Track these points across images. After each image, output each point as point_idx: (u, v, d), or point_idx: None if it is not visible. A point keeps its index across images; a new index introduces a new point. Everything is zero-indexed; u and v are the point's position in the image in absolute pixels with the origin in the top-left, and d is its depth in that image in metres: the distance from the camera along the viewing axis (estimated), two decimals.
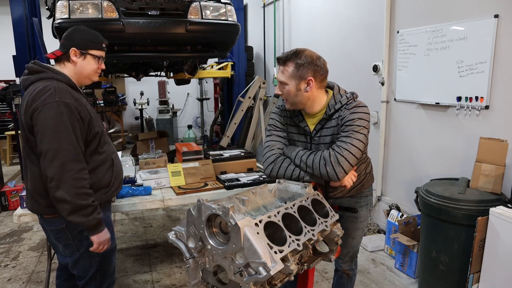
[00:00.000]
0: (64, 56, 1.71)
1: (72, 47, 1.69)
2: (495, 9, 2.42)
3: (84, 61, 1.72)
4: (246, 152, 2.93)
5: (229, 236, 1.17)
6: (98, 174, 1.72)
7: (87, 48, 1.72)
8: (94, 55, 1.74)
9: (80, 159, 1.59)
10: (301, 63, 1.59)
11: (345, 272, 1.98)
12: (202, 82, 8.44)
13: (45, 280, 2.62)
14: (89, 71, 1.75)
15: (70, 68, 1.72)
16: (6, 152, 6.73)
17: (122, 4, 2.80)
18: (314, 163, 1.57)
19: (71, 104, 1.57)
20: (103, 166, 1.75)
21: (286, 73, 1.62)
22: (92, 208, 1.61)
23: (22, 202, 2.14)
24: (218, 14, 3.14)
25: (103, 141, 1.75)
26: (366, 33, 3.66)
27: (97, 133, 1.69)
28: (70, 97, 1.59)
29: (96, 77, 1.81)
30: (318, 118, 1.71)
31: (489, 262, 2.10)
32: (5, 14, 5.00)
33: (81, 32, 1.76)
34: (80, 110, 1.61)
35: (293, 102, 1.67)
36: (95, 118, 1.70)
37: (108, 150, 1.78)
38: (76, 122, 1.58)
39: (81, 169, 1.59)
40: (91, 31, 1.78)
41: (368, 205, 1.91)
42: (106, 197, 1.78)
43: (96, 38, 1.77)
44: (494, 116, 2.50)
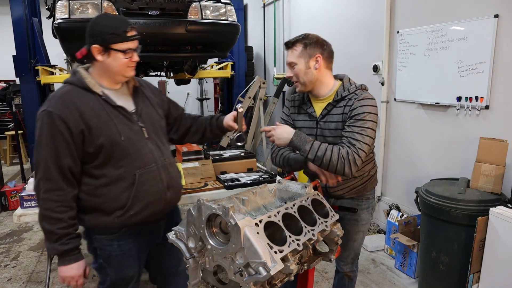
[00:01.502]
0: (89, 54, 1.46)
1: (93, 44, 1.44)
2: (495, 9, 2.42)
3: (109, 58, 1.44)
4: (246, 152, 2.93)
5: (229, 236, 1.17)
6: (110, 193, 1.46)
7: (108, 43, 1.42)
8: (119, 49, 1.43)
9: (51, 177, 1.37)
10: (309, 42, 1.66)
11: (346, 274, 1.98)
12: (202, 82, 8.44)
13: (45, 280, 2.63)
14: (118, 68, 1.47)
15: (98, 66, 1.48)
16: (6, 152, 6.73)
17: (122, 4, 2.80)
18: (332, 161, 1.56)
19: (54, 113, 1.36)
20: (118, 184, 1.46)
21: (295, 53, 1.67)
22: (56, 236, 1.40)
23: (22, 202, 2.14)
24: (218, 14, 3.14)
25: (119, 154, 1.45)
26: (366, 33, 3.66)
27: (102, 145, 1.41)
28: (63, 104, 1.38)
29: (130, 72, 1.51)
30: (325, 103, 1.74)
31: (489, 262, 2.10)
32: (5, 14, 5.00)
33: (100, 23, 1.46)
34: (69, 120, 1.37)
35: (303, 82, 1.70)
36: (100, 127, 1.42)
37: (129, 165, 1.46)
38: (58, 134, 1.36)
39: (51, 189, 1.38)
40: (112, 19, 1.49)
41: (370, 208, 1.89)
42: (121, 222, 1.48)
43: (118, 28, 1.43)
44: (494, 116, 2.50)
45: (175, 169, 1.68)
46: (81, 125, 1.39)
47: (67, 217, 1.41)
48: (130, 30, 1.46)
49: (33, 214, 2.11)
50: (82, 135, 1.40)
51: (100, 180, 1.46)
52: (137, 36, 1.49)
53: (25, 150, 6.16)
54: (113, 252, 1.56)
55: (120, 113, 1.48)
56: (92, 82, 1.47)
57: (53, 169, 1.38)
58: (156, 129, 1.61)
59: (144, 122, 1.55)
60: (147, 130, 1.55)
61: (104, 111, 1.44)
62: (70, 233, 1.43)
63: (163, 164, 1.57)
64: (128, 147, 1.47)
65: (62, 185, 1.40)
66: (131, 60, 1.48)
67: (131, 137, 1.48)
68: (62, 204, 1.40)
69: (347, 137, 1.60)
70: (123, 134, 1.46)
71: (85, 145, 1.42)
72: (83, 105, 1.41)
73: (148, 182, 1.51)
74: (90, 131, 1.41)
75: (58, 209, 1.40)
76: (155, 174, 1.53)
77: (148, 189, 1.51)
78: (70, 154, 1.40)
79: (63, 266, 1.46)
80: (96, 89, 1.46)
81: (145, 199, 1.50)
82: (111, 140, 1.43)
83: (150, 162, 1.52)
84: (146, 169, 1.50)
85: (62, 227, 1.41)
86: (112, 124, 1.44)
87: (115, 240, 1.54)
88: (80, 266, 1.49)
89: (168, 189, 1.58)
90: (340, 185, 1.78)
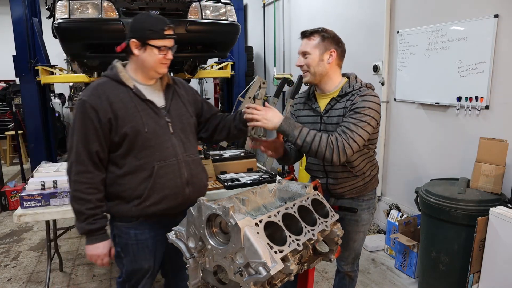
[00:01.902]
0: (127, 48, 1.55)
1: (131, 38, 1.52)
2: (495, 9, 2.42)
3: (145, 53, 1.52)
4: (246, 152, 2.93)
5: (229, 236, 1.17)
6: (131, 182, 1.54)
7: (145, 38, 1.51)
8: (155, 45, 1.52)
9: (81, 161, 1.48)
10: (327, 36, 1.67)
11: (347, 274, 1.98)
12: (202, 82, 8.44)
13: (45, 280, 2.63)
14: (152, 63, 1.54)
15: (134, 61, 1.57)
16: (6, 152, 6.73)
17: (122, 4, 2.80)
18: (320, 147, 1.56)
19: (87, 102, 1.48)
20: (138, 174, 1.53)
21: (312, 43, 1.68)
22: (85, 216, 1.49)
23: (22, 202, 2.14)
24: (218, 14, 3.14)
25: (141, 145, 1.52)
26: (366, 33, 3.66)
27: (126, 134, 1.50)
28: (95, 94, 1.49)
29: (163, 68, 1.58)
30: (329, 98, 1.75)
31: (489, 262, 2.10)
32: (5, 14, 5.00)
33: (140, 20, 1.56)
34: (100, 109, 1.47)
35: (313, 72, 1.70)
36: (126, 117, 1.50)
37: (149, 157, 1.54)
38: (88, 121, 1.47)
39: (81, 172, 1.48)
40: (152, 18, 1.57)
41: (370, 208, 1.89)
42: (137, 211, 1.55)
43: (156, 26, 1.52)
44: (494, 116, 2.50)
45: (198, 166, 1.71)
46: (109, 114, 1.49)
47: (94, 199, 1.51)
48: (167, 29, 1.54)
49: (33, 214, 2.11)
50: (109, 124, 1.49)
51: (122, 169, 1.54)
52: (174, 36, 1.57)
53: (25, 150, 6.17)
54: (129, 240, 1.62)
55: (148, 106, 1.56)
56: (126, 76, 1.56)
57: (83, 153, 1.48)
58: (184, 125, 1.66)
59: (171, 118, 1.61)
60: (173, 125, 1.61)
61: (132, 103, 1.53)
62: (97, 213, 1.52)
63: (185, 160, 1.62)
64: (151, 139, 1.53)
65: (91, 168, 1.50)
66: (165, 57, 1.56)
67: (155, 130, 1.55)
68: (90, 186, 1.50)
69: (342, 126, 1.61)
70: (147, 126, 1.53)
71: (112, 133, 1.51)
72: (113, 96, 1.51)
73: (167, 175, 1.56)
74: (116, 120, 1.49)
75: (87, 190, 1.49)
76: (175, 168, 1.58)
77: (166, 182, 1.56)
78: (98, 140, 1.49)
79: (90, 244, 1.55)
80: (128, 83, 1.55)
81: (161, 192, 1.55)
82: (135, 130, 1.51)
83: (171, 156, 1.57)
84: (165, 162, 1.56)
85: (90, 208, 1.50)
86: (138, 115, 1.52)
87: (132, 228, 1.60)
88: (106, 246, 1.57)
89: (188, 185, 1.62)
90: (341, 183, 1.79)
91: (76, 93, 7.47)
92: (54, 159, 4.59)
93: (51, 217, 2.26)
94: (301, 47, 1.72)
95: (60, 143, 7.81)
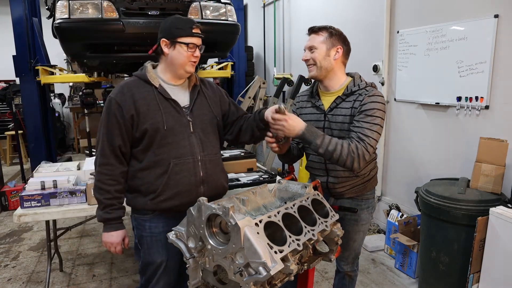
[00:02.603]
0: (158, 48, 1.64)
1: (162, 38, 1.61)
2: (495, 9, 2.42)
3: (174, 50, 1.61)
4: (246, 152, 2.93)
5: (229, 236, 1.17)
6: (149, 177, 1.62)
7: (174, 36, 1.59)
8: (183, 42, 1.59)
9: (105, 153, 1.59)
10: (335, 33, 1.71)
11: (347, 274, 1.98)
12: None
13: (45, 280, 2.63)
14: (180, 61, 1.61)
15: (164, 60, 1.65)
16: (6, 152, 6.73)
17: (122, 4, 2.80)
18: (342, 155, 1.57)
19: (113, 98, 1.58)
20: (155, 169, 1.61)
21: (320, 38, 1.70)
22: (103, 205, 1.60)
23: (22, 202, 2.14)
24: (218, 14, 3.14)
25: (159, 142, 1.60)
26: (366, 33, 3.66)
27: (146, 130, 1.57)
28: (121, 92, 1.59)
29: (191, 67, 1.65)
30: (335, 96, 1.76)
31: (489, 262, 2.10)
32: (5, 14, 5.00)
33: (169, 21, 1.65)
34: (124, 105, 1.56)
35: (320, 66, 1.71)
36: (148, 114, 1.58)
37: (166, 153, 1.60)
38: (113, 117, 1.57)
39: (103, 164, 1.59)
40: (180, 18, 1.66)
41: (370, 208, 1.89)
42: (152, 205, 1.63)
43: (185, 24, 1.61)
44: (494, 116, 2.50)
45: (217, 167, 1.75)
46: (132, 110, 1.57)
47: (113, 190, 1.60)
48: (195, 28, 1.63)
49: (33, 214, 2.11)
50: (132, 120, 1.58)
51: (142, 164, 1.62)
52: (201, 35, 1.65)
53: (25, 150, 6.16)
54: (144, 233, 1.68)
55: (171, 105, 1.62)
56: (153, 76, 1.64)
57: (106, 146, 1.59)
58: (205, 125, 1.71)
59: (193, 117, 1.67)
60: (193, 125, 1.66)
61: (155, 101, 1.60)
62: (113, 204, 1.61)
63: (202, 160, 1.66)
64: (169, 136, 1.60)
65: (113, 161, 1.60)
66: (193, 55, 1.62)
67: (175, 128, 1.61)
68: (111, 177, 1.60)
69: (357, 132, 1.61)
70: (167, 124, 1.59)
71: (133, 129, 1.59)
72: (138, 94, 1.59)
73: (182, 172, 1.62)
74: (138, 117, 1.57)
75: (107, 181, 1.59)
76: (190, 166, 1.63)
77: (180, 179, 1.61)
78: (121, 135, 1.59)
79: (105, 232, 1.65)
80: (154, 82, 1.62)
81: (175, 188, 1.61)
82: (154, 127, 1.58)
83: (187, 155, 1.63)
84: (181, 160, 1.61)
85: (108, 198, 1.59)
86: (159, 113, 1.59)
87: (147, 221, 1.67)
88: (119, 235, 1.66)
89: (203, 184, 1.66)
90: (341, 182, 1.79)
91: (76, 93, 7.47)
92: (54, 159, 4.59)
93: (51, 217, 2.26)
94: (308, 42, 1.73)
95: (60, 143, 7.80)
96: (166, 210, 1.64)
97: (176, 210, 1.62)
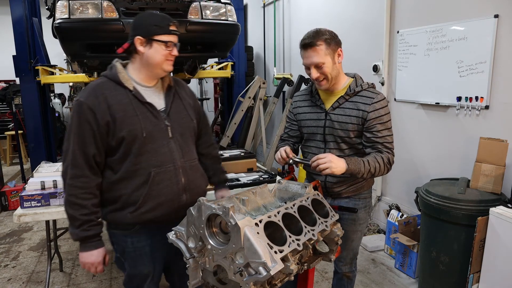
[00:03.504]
0: (131, 47, 1.50)
1: (136, 36, 1.47)
2: (495, 9, 2.42)
3: (151, 49, 1.48)
4: (246, 152, 2.93)
5: (229, 236, 1.17)
6: (127, 188, 1.48)
7: (151, 34, 1.47)
8: (161, 40, 1.48)
9: (77, 164, 1.42)
10: (328, 38, 1.64)
11: (345, 275, 1.98)
12: (202, 82, 8.44)
13: (45, 280, 2.63)
14: (158, 60, 1.49)
15: (138, 60, 1.52)
16: (6, 152, 6.73)
17: (122, 4, 2.80)
18: (381, 170, 1.68)
19: (84, 103, 1.42)
20: (134, 180, 1.48)
21: (321, 53, 1.63)
22: (79, 222, 1.43)
23: (22, 202, 2.14)
24: (218, 14, 3.14)
25: (137, 150, 1.47)
26: (366, 33, 3.66)
27: (123, 138, 1.44)
28: (93, 95, 1.44)
29: (168, 66, 1.54)
30: (337, 96, 1.76)
31: (489, 262, 2.10)
32: (5, 14, 5.00)
33: (144, 17, 1.53)
34: (98, 111, 1.42)
35: (330, 78, 1.69)
36: (124, 121, 1.45)
37: (146, 162, 1.48)
38: (85, 123, 1.42)
39: (77, 176, 1.43)
40: (156, 15, 1.55)
41: (367, 207, 1.90)
42: (132, 218, 1.49)
43: (162, 21, 1.50)
44: (494, 116, 2.50)
45: (197, 172, 1.66)
46: (108, 116, 1.43)
47: (90, 204, 1.45)
48: (172, 25, 1.51)
49: (33, 214, 2.11)
50: (107, 127, 1.44)
51: (118, 174, 1.49)
52: (178, 32, 1.55)
53: (25, 150, 6.17)
54: (127, 248, 1.58)
55: (147, 109, 1.50)
56: (125, 77, 1.50)
57: (79, 156, 1.43)
58: (184, 129, 1.61)
59: (171, 121, 1.56)
60: (172, 130, 1.55)
61: (131, 105, 1.47)
62: (91, 220, 1.46)
63: (183, 166, 1.56)
64: (148, 144, 1.48)
65: (87, 172, 1.44)
66: (171, 53, 1.52)
67: (154, 134, 1.50)
68: (86, 191, 1.44)
69: (382, 143, 1.69)
70: (145, 131, 1.47)
71: (109, 136, 1.45)
72: (112, 98, 1.45)
73: (163, 182, 1.51)
74: (115, 123, 1.44)
75: (82, 195, 1.44)
76: (171, 175, 1.53)
77: (162, 189, 1.51)
78: (95, 143, 1.44)
79: (84, 252, 1.50)
80: (127, 84, 1.49)
81: (157, 199, 1.50)
82: (132, 134, 1.45)
83: (168, 162, 1.52)
84: (162, 168, 1.50)
85: (84, 214, 1.44)
86: (136, 119, 1.47)
87: (128, 236, 1.56)
88: (100, 253, 1.52)
89: (185, 192, 1.57)
90: (340, 181, 1.79)
91: (76, 93, 7.48)
92: (54, 159, 4.59)
93: (51, 217, 2.26)
94: (311, 59, 1.64)
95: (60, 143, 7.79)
96: (148, 222, 1.53)
97: (158, 221, 1.53)
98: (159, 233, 1.56)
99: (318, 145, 1.82)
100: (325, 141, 1.78)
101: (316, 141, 1.82)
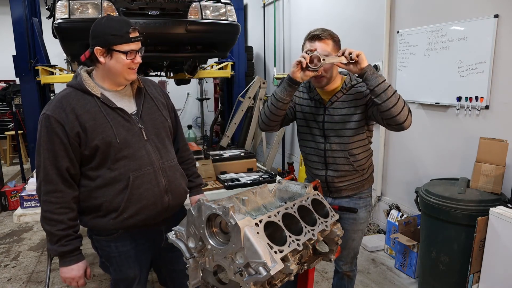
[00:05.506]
0: (92, 56, 1.45)
1: (95, 46, 1.42)
2: (495, 9, 2.42)
3: (111, 60, 1.43)
4: (246, 152, 2.93)
5: (229, 236, 1.17)
6: (107, 195, 1.45)
7: (109, 44, 1.41)
8: (121, 51, 1.42)
9: (50, 179, 1.39)
10: (336, 38, 1.71)
11: (345, 274, 1.98)
12: (202, 82, 8.44)
13: (45, 280, 2.63)
14: (119, 70, 1.44)
15: (101, 68, 1.47)
16: (6, 152, 6.73)
17: (122, 4, 2.80)
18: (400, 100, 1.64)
19: (52, 116, 1.39)
20: (113, 186, 1.45)
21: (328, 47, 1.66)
22: (57, 237, 1.41)
23: (22, 202, 2.14)
24: (218, 14, 3.14)
25: (114, 157, 1.44)
26: (366, 33, 3.66)
27: (97, 147, 1.41)
28: (59, 108, 1.40)
29: (131, 75, 1.48)
30: (333, 92, 1.78)
31: (489, 262, 2.10)
32: (5, 14, 5.00)
33: (101, 25, 1.44)
34: (66, 123, 1.38)
35: (330, 76, 1.72)
36: (96, 129, 1.41)
37: (124, 168, 1.45)
38: (55, 137, 1.38)
39: (50, 191, 1.40)
40: (114, 21, 1.45)
41: (368, 206, 1.90)
42: (115, 224, 1.47)
43: (120, 29, 1.41)
44: (494, 116, 2.50)
45: (176, 172, 1.63)
46: (77, 127, 1.40)
47: (66, 219, 1.42)
48: (132, 31, 1.44)
49: (33, 214, 2.11)
50: (78, 138, 1.41)
51: (96, 181, 1.46)
52: (140, 38, 1.47)
53: (25, 150, 6.17)
54: (112, 253, 1.56)
55: (118, 115, 1.47)
56: (92, 85, 1.46)
57: (51, 171, 1.40)
58: (158, 130, 1.58)
59: (144, 124, 1.53)
60: (146, 132, 1.52)
61: (101, 113, 1.43)
62: (69, 234, 1.44)
63: (162, 167, 1.54)
64: (124, 149, 1.45)
65: (61, 187, 1.41)
66: (133, 62, 1.46)
67: (128, 139, 1.47)
68: (61, 206, 1.41)
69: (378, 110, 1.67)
70: (119, 137, 1.44)
71: (82, 147, 1.42)
72: (80, 108, 1.41)
73: (143, 185, 1.48)
74: (85, 133, 1.41)
75: (58, 210, 1.41)
76: (151, 177, 1.50)
77: (143, 193, 1.48)
78: (67, 156, 1.41)
79: (64, 267, 1.47)
80: (95, 92, 1.45)
81: (139, 203, 1.48)
82: (106, 142, 1.42)
83: (146, 165, 1.49)
84: (141, 171, 1.48)
85: (62, 229, 1.41)
86: (108, 126, 1.43)
87: (112, 241, 1.54)
88: (80, 268, 1.50)
89: (166, 194, 1.55)
90: (341, 176, 1.80)
91: None
92: None
93: None
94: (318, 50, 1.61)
95: None
96: (131, 227, 1.51)
97: (142, 225, 1.52)
98: (143, 236, 1.56)
99: (317, 140, 1.82)
100: (325, 135, 1.79)
101: (314, 135, 1.83)
